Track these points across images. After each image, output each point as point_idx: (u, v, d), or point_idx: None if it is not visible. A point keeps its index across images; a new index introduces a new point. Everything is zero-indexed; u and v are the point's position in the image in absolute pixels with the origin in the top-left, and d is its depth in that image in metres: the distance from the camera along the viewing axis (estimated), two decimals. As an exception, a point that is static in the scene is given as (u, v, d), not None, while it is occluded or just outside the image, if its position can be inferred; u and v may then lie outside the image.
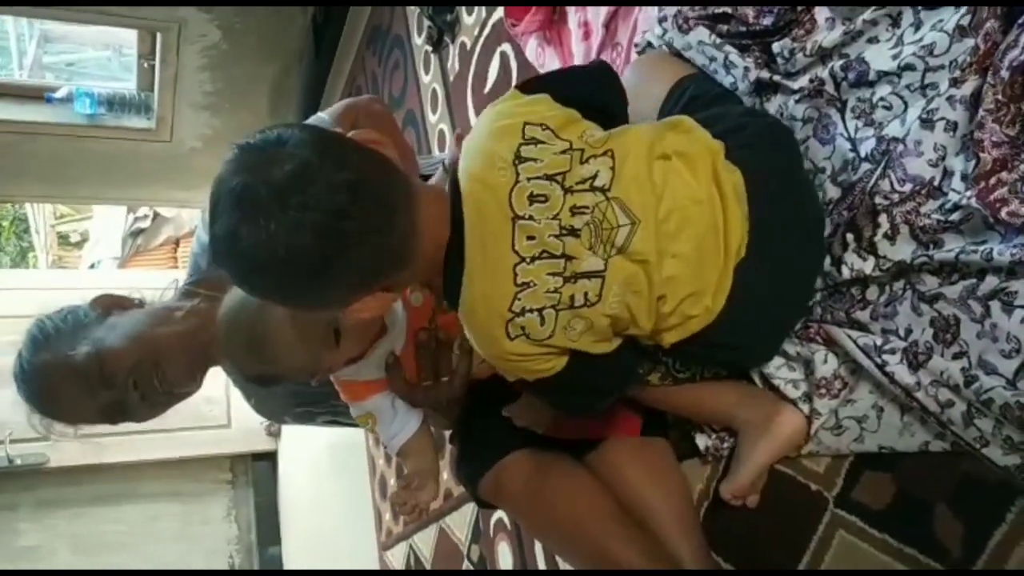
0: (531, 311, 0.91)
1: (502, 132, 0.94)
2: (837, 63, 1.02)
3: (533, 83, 1.02)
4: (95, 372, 1.19)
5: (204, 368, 1.31)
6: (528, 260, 0.90)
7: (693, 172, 0.95)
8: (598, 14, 1.57)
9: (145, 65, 3.55)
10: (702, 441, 1.22)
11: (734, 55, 1.14)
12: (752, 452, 1.10)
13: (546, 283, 0.91)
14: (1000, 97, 0.83)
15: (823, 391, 1.04)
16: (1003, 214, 0.82)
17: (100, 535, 4.52)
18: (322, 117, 1.36)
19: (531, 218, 0.90)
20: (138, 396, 1.23)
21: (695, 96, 1.13)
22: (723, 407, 1.14)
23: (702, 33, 1.17)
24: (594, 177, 0.92)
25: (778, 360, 1.10)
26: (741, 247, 0.95)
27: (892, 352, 0.94)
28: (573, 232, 0.91)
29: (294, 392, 1.46)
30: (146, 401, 1.24)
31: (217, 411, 4.81)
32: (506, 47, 2.02)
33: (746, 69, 1.13)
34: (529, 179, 0.91)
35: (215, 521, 4.97)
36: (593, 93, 1.04)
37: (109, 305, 1.29)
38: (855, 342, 0.98)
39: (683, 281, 0.93)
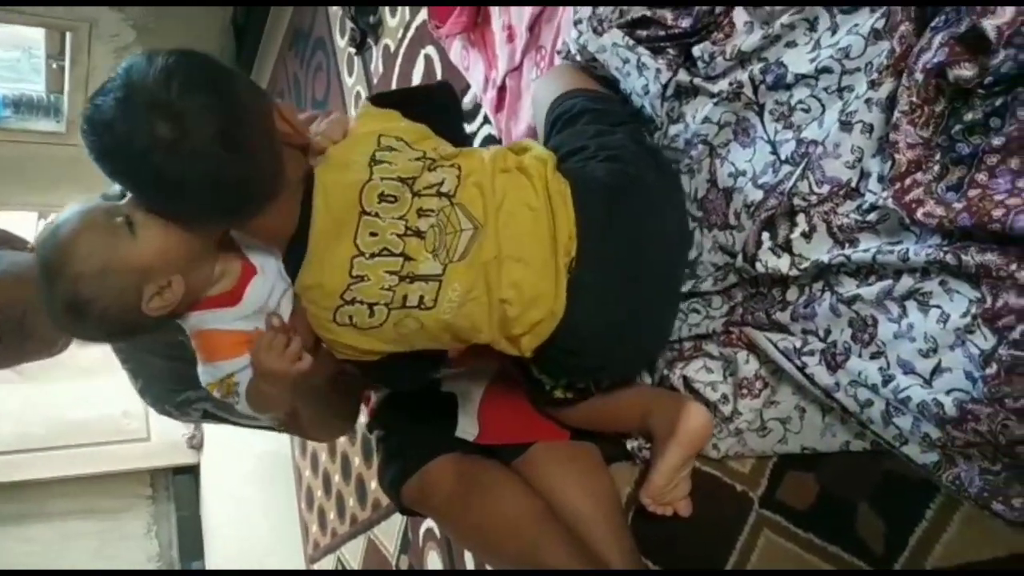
0: (361, 303, 0.96)
1: (357, 140, 1.01)
2: (756, 67, 1.02)
3: (384, 99, 1.10)
4: None
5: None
6: (367, 255, 0.96)
7: (531, 184, 1.02)
8: (522, 17, 1.55)
9: (54, 66, 3.40)
10: (630, 443, 1.22)
11: (646, 57, 1.15)
12: (662, 455, 1.10)
13: (381, 280, 0.96)
14: (914, 99, 0.85)
15: (744, 391, 1.05)
16: (919, 215, 0.83)
17: (11, 555, 4.31)
18: None
19: (377, 215, 0.96)
20: None
21: (560, 115, 1.20)
22: (635, 417, 1.16)
23: (616, 35, 1.17)
24: (440, 183, 0.99)
25: (697, 363, 1.11)
26: (570, 249, 1.01)
27: (811, 354, 0.95)
28: (418, 234, 0.97)
29: (170, 371, 1.35)
30: (1, 343, 1.16)
31: (136, 424, 4.66)
32: (430, 49, 2.00)
33: (658, 71, 1.14)
34: (383, 179, 0.97)
35: (135, 537, 4.80)
36: (434, 112, 1.10)
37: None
38: (775, 345, 0.98)
39: (526, 284, 0.99)
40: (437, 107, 1.13)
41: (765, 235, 1.00)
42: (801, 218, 0.97)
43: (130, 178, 0.89)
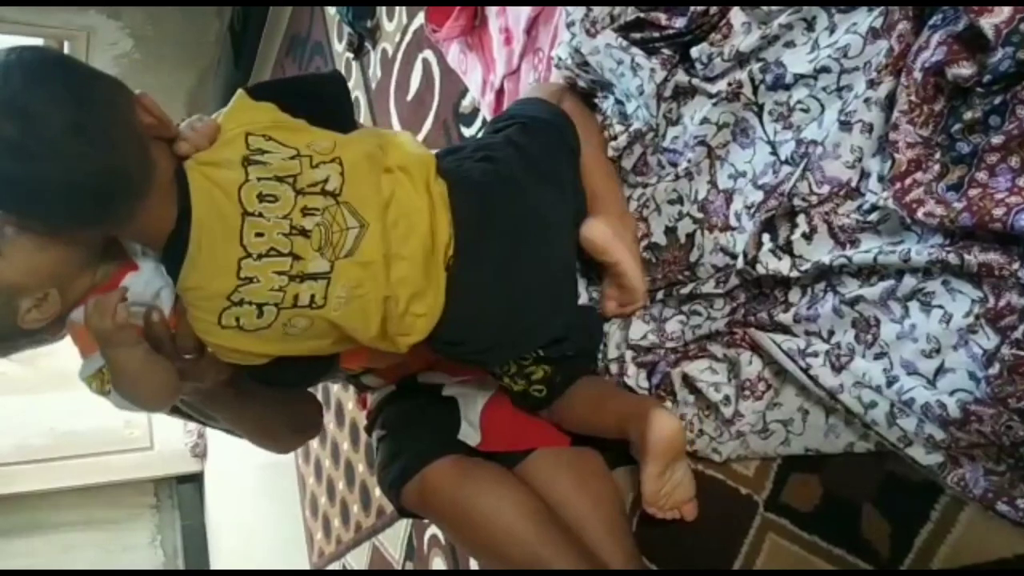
0: (250, 304, 0.94)
1: (225, 141, 0.97)
2: (755, 66, 1.02)
3: (263, 89, 1.05)
4: None
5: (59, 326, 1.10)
6: (255, 256, 0.93)
7: (413, 183, 1.04)
8: (519, 20, 1.55)
9: (52, 75, 3.39)
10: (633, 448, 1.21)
11: (640, 57, 1.14)
12: (642, 465, 1.10)
13: (271, 281, 0.94)
14: (913, 98, 0.84)
15: (747, 393, 1.05)
16: (919, 214, 0.83)
17: (14, 568, 4.30)
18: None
19: (261, 215, 0.93)
20: None
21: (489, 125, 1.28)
22: (614, 427, 1.16)
23: (609, 36, 1.17)
24: (325, 181, 0.97)
25: (702, 363, 1.10)
26: (448, 246, 1.04)
27: (815, 355, 0.95)
28: (303, 232, 0.95)
29: None
30: None
31: (138, 433, 4.65)
32: (428, 54, 2.00)
33: (652, 71, 1.13)
34: (259, 179, 0.95)
35: (139, 548, 4.79)
36: (321, 104, 1.07)
37: None
38: (779, 346, 0.98)
39: (410, 281, 1.01)
40: (325, 99, 1.10)
41: (765, 237, 0.99)
42: (801, 219, 0.96)
43: None
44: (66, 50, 3.21)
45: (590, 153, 1.22)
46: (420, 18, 1.99)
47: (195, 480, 4.96)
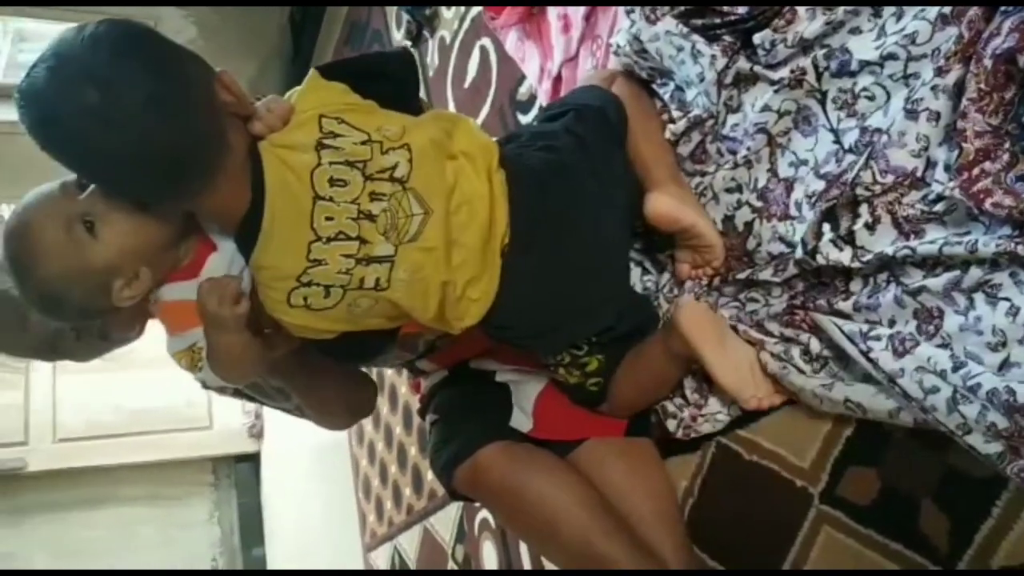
0: (318, 285, 0.97)
1: (300, 123, 0.99)
2: (819, 53, 1.01)
3: (335, 68, 1.07)
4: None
5: (144, 317, 1.17)
6: (324, 240, 0.96)
7: (476, 171, 1.06)
8: (577, 7, 1.55)
9: (121, 63, 3.49)
10: (672, 425, 1.22)
11: (701, 44, 1.13)
12: (703, 360, 1.09)
13: (338, 263, 0.97)
14: (983, 86, 0.82)
15: (817, 365, 1.04)
16: (987, 205, 0.81)
17: (77, 541, 4.46)
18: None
19: (331, 200, 0.96)
20: (74, 336, 1.14)
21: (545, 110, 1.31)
22: (663, 357, 1.16)
23: (669, 23, 1.16)
24: (394, 168, 1.00)
25: (772, 338, 1.09)
26: (505, 234, 1.06)
27: (877, 339, 0.93)
28: (370, 217, 0.98)
29: None
30: (81, 343, 1.15)
31: (198, 413, 4.77)
32: (486, 41, 2.00)
33: (713, 57, 1.12)
34: (331, 163, 0.97)
35: (197, 524, 4.91)
36: (388, 83, 1.09)
37: None
38: (840, 328, 0.96)
39: (468, 267, 1.04)
40: (392, 77, 1.12)
41: (826, 226, 0.98)
42: (864, 209, 0.95)
43: (63, 149, 0.87)
44: (134, 39, 3.30)
45: (638, 129, 1.21)
46: (478, 6, 2.00)
47: (252, 460, 5.05)
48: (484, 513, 2.04)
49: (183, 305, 1.02)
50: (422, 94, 1.22)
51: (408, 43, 2.47)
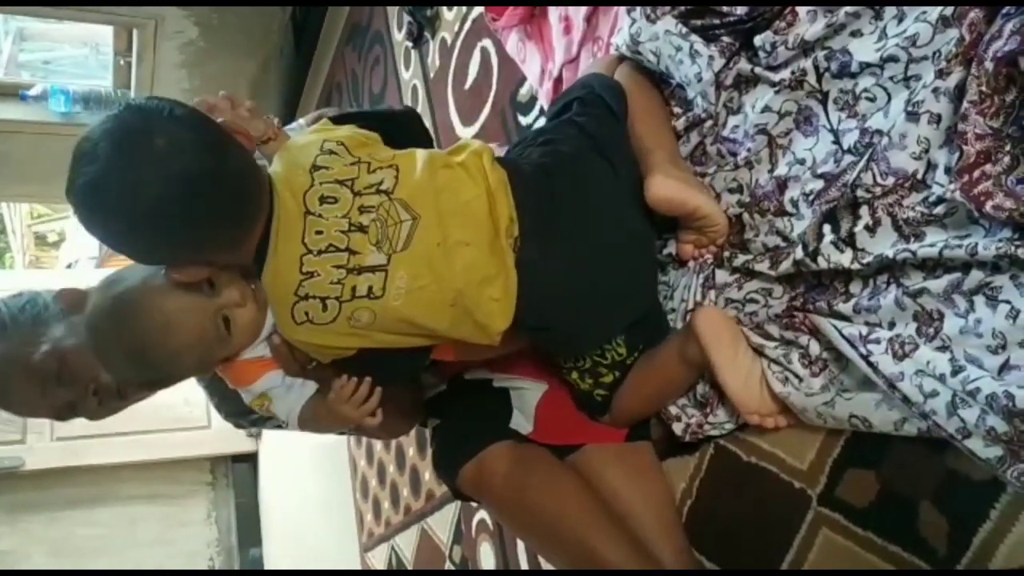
0: (314, 298, 1.00)
1: (304, 146, 1.07)
2: (820, 54, 1.01)
3: (343, 117, 1.17)
4: (52, 373, 1.14)
5: None
6: (315, 252, 1.00)
7: (468, 173, 1.08)
8: (579, 8, 1.55)
9: (122, 62, 3.50)
10: (678, 428, 1.21)
11: (699, 44, 1.13)
12: (713, 364, 1.08)
13: (330, 274, 1.00)
14: (984, 89, 0.82)
15: (816, 369, 1.03)
16: (988, 208, 0.81)
17: (76, 539, 4.45)
18: (301, 123, 1.37)
19: (321, 216, 1.01)
20: (96, 401, 1.18)
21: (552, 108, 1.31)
22: (676, 362, 1.15)
23: (669, 23, 1.16)
24: (380, 183, 1.04)
25: (772, 341, 1.09)
26: (512, 230, 1.06)
27: (877, 342, 0.93)
28: (361, 228, 1.01)
29: None
30: (102, 405, 1.20)
31: (196, 412, 4.75)
32: (486, 42, 2.00)
33: (711, 58, 1.12)
34: (321, 183, 1.02)
35: (195, 523, 4.90)
36: (394, 122, 1.19)
37: (74, 301, 1.18)
38: (840, 331, 0.96)
39: (476, 265, 1.03)
40: (399, 119, 1.22)
41: (826, 228, 0.98)
42: (864, 211, 0.95)
43: (155, 213, 0.91)
44: (135, 38, 3.31)
45: (639, 113, 1.21)
46: (479, 7, 2.00)
47: (250, 460, 5.04)
48: (481, 514, 2.04)
49: (241, 366, 1.10)
50: (423, 96, 1.26)
51: (409, 44, 2.48)
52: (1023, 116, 0.81)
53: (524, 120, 1.82)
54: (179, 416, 4.64)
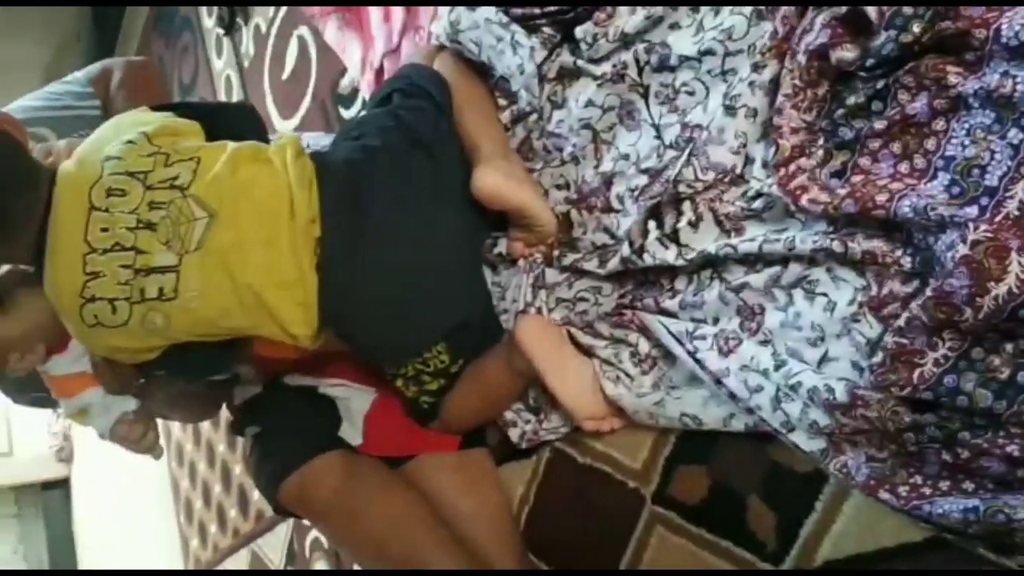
0: (102, 299, 0.95)
1: (102, 133, 1.03)
2: (640, 47, 0.99)
3: (165, 106, 1.11)
4: None
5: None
6: (99, 251, 0.94)
7: (272, 170, 1.02)
8: (399, -4, 1.48)
9: None
10: (514, 434, 1.17)
11: (520, 35, 1.09)
12: (541, 375, 1.04)
13: (116, 275, 0.95)
14: (797, 82, 0.83)
15: (646, 367, 1.02)
16: (803, 201, 0.81)
17: None
18: (77, 77, 1.35)
19: (107, 210, 0.95)
20: None
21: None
22: (503, 373, 1.10)
23: (489, 11, 1.11)
24: (175, 178, 0.98)
25: (603, 340, 1.07)
26: (313, 231, 1.00)
27: (703, 338, 0.92)
28: (150, 226, 0.95)
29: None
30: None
31: (-5, 438, 4.32)
32: (303, 30, 1.89)
33: (532, 49, 1.09)
34: (111, 175, 0.96)
35: (-1, 560, 4.46)
36: (219, 125, 1.09)
37: None
38: (667, 328, 0.95)
39: (274, 267, 0.98)
40: (229, 119, 1.13)
41: (651, 224, 0.97)
42: (687, 206, 0.94)
43: None
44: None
45: (463, 103, 1.14)
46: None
47: (61, 486, 4.64)
48: (315, 533, 1.94)
49: (64, 380, 1.12)
50: (238, 86, 1.17)
51: (221, 31, 2.31)
52: (835, 110, 0.82)
53: (346, 113, 1.73)
54: (-27, 444, 4.20)
